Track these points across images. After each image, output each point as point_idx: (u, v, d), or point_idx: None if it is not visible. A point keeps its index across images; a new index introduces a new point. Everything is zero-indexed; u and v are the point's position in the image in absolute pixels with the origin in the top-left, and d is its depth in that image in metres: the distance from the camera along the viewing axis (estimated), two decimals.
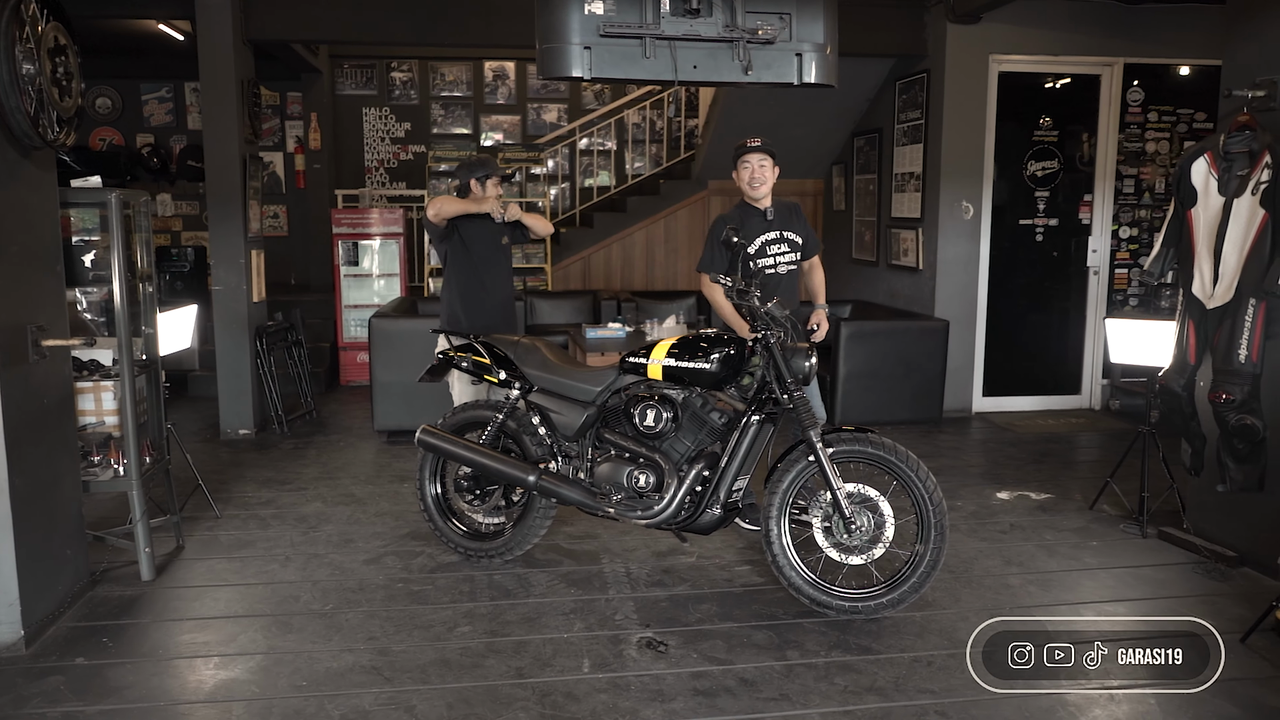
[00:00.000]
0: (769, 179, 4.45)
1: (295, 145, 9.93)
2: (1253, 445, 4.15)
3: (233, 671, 3.34)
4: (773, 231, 4.48)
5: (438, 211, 4.62)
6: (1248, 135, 4.08)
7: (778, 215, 4.51)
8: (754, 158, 4.45)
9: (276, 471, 5.83)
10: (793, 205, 4.65)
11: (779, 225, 4.49)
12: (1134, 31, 7.01)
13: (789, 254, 4.52)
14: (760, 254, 4.45)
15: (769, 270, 4.46)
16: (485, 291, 4.74)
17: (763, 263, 4.45)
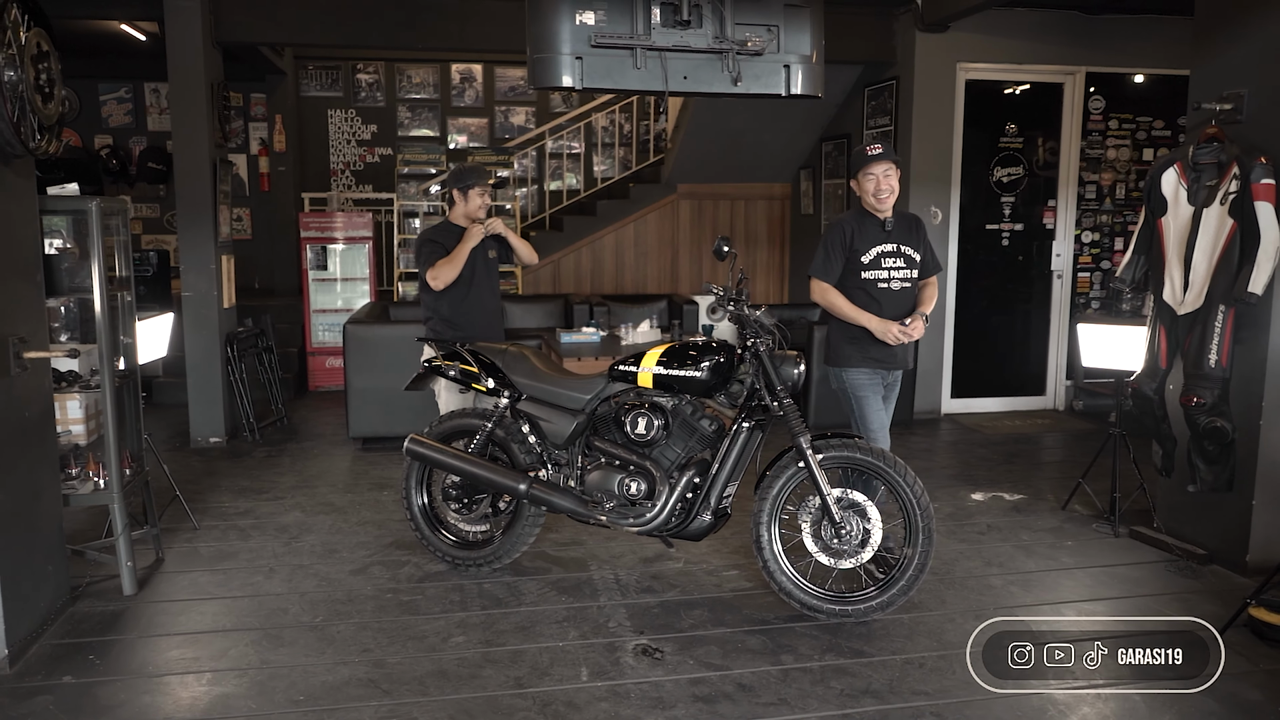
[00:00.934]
0: (895, 189, 4.17)
1: (259, 147, 9.80)
2: (1222, 447, 4.29)
3: (226, 687, 3.31)
4: (889, 243, 4.19)
5: (442, 279, 4.58)
6: (1216, 147, 4.21)
7: (897, 227, 4.21)
8: (878, 168, 4.14)
9: (252, 480, 5.76)
10: (914, 218, 4.33)
11: (897, 238, 4.20)
12: (1095, 41, 7.17)
13: (905, 270, 4.22)
14: (874, 265, 4.19)
15: (880, 284, 4.20)
16: (473, 302, 4.73)
17: (874, 275, 4.19)
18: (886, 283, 4.21)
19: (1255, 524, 4.27)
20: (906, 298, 4.25)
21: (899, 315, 4.19)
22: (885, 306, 4.19)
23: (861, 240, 4.18)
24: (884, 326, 4.14)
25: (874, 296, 4.19)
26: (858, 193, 4.24)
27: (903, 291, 4.24)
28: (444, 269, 4.57)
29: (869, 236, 4.19)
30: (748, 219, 9.61)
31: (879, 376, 4.28)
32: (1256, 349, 4.20)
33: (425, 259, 4.63)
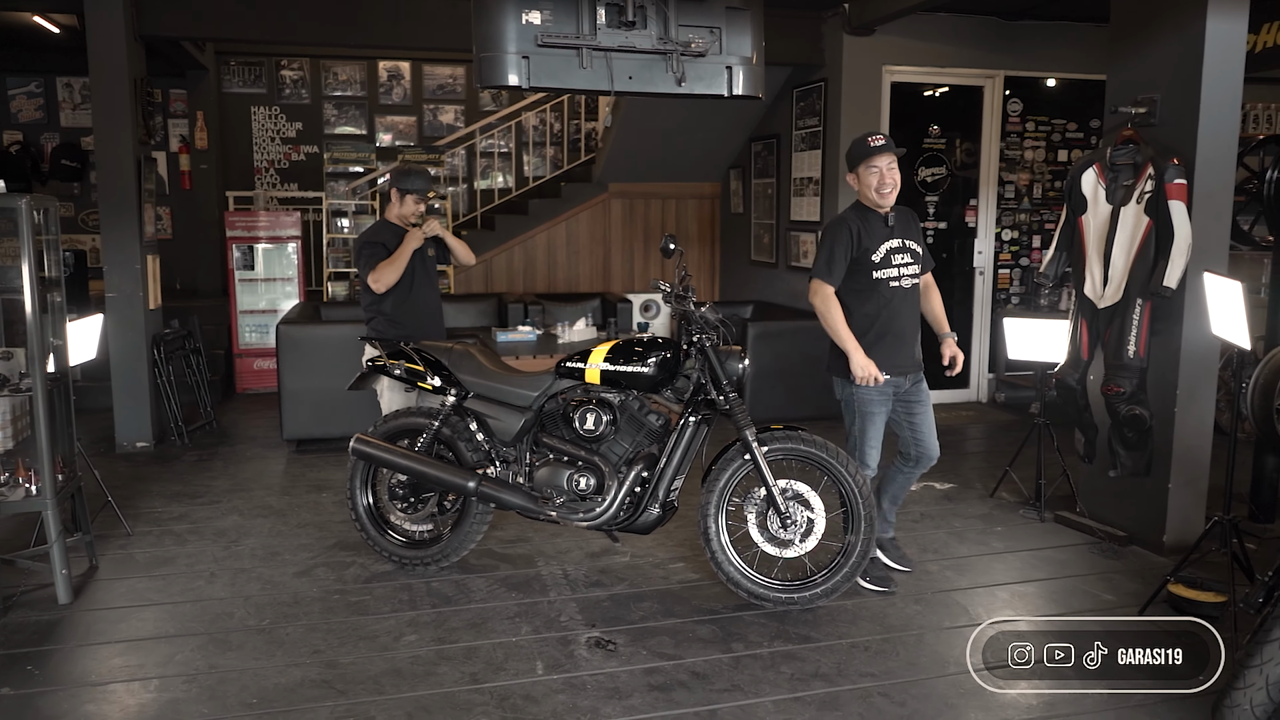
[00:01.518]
0: (898, 182, 3.91)
1: (180, 145, 9.54)
2: (1141, 433, 4.51)
3: (175, 693, 3.25)
4: (894, 239, 3.93)
5: (384, 282, 4.53)
6: (1131, 149, 4.43)
7: (898, 222, 3.97)
8: (882, 160, 3.87)
9: (184, 485, 5.63)
10: (909, 211, 4.10)
11: (900, 233, 3.96)
12: (1013, 46, 7.45)
13: (912, 265, 3.97)
14: (884, 264, 3.92)
15: (893, 283, 3.92)
16: (415, 301, 4.71)
17: (885, 274, 3.91)
18: (898, 281, 3.94)
19: (1171, 506, 4.51)
20: (913, 297, 4.04)
21: (911, 317, 4.02)
22: (899, 309, 3.95)
23: (869, 238, 3.92)
24: (866, 368, 3.86)
25: (886, 298, 3.93)
26: (856, 187, 4.00)
27: (913, 290, 4.03)
28: (386, 271, 4.54)
29: (875, 233, 3.92)
30: (679, 218, 9.72)
31: (890, 388, 3.97)
32: (1171, 340, 4.43)
33: (366, 261, 4.59)
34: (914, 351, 4.04)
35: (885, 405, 4.00)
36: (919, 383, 4.08)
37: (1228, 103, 4.31)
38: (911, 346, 4.02)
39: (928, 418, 4.09)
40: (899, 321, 3.97)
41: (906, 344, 4.00)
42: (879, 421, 4.01)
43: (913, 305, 4.03)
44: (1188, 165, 4.28)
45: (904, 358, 3.98)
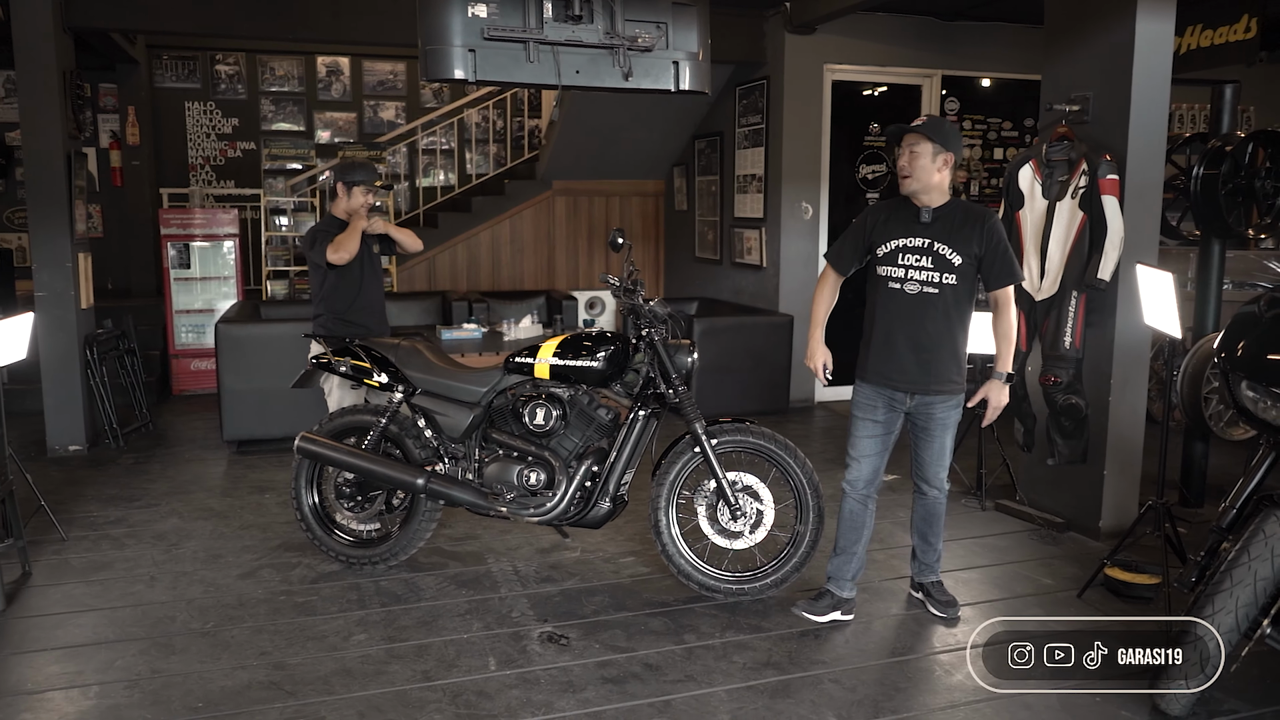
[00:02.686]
0: (920, 169, 3.45)
1: (111, 140, 9.28)
2: (1077, 422, 4.64)
3: (116, 699, 3.17)
4: (918, 238, 3.50)
5: (346, 250, 4.46)
6: (1066, 145, 4.55)
7: (939, 221, 3.49)
8: (907, 140, 3.50)
9: (120, 488, 5.49)
10: (978, 215, 3.52)
11: (935, 233, 3.48)
12: (950, 46, 7.60)
13: (931, 272, 3.47)
14: (888, 260, 3.55)
15: (892, 284, 3.53)
16: (364, 298, 4.66)
17: (886, 272, 3.56)
18: (899, 283, 3.52)
19: (1106, 492, 4.65)
20: (928, 309, 3.49)
21: (919, 328, 3.51)
22: (899, 314, 3.53)
23: (885, 230, 3.58)
24: (810, 353, 3.78)
25: (884, 299, 3.57)
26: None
27: (921, 299, 3.49)
28: (345, 241, 4.46)
29: (897, 227, 3.56)
30: (623, 215, 9.73)
31: (882, 398, 3.63)
32: (1105, 331, 4.56)
33: (320, 244, 4.52)
34: (916, 367, 3.52)
35: (874, 414, 3.66)
36: (931, 404, 3.57)
37: (1156, 101, 4.45)
38: (911, 360, 3.52)
39: (931, 444, 3.66)
40: (896, 328, 3.55)
41: (901, 355, 3.54)
42: (861, 430, 3.70)
43: (925, 315, 3.49)
44: (1119, 161, 4.41)
45: (895, 370, 3.56)
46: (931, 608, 3.84)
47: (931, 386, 3.54)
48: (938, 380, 3.54)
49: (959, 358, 3.58)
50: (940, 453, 3.68)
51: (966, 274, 3.49)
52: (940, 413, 3.60)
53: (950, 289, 3.49)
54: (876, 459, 3.72)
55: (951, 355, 3.54)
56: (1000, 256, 3.49)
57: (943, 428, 3.63)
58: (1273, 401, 2.90)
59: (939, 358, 3.51)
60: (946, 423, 3.63)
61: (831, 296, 3.81)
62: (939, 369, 3.53)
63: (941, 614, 3.80)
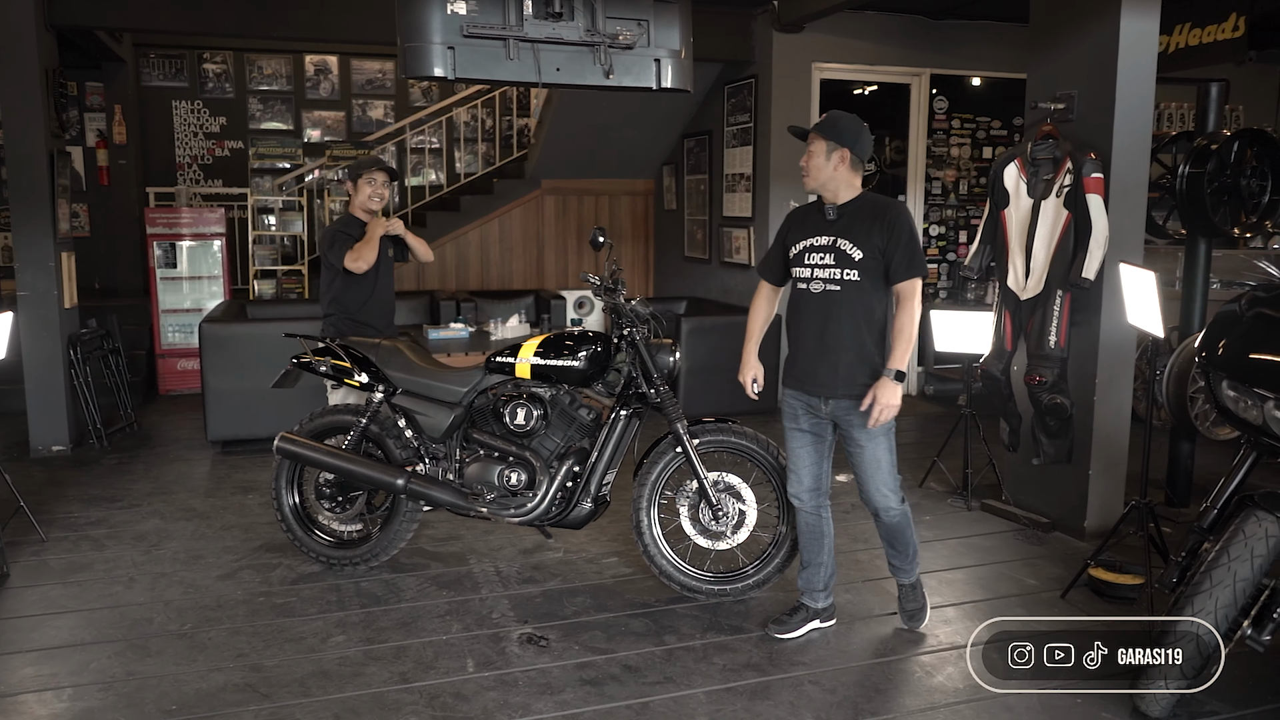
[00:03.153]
0: (815, 167, 3.39)
1: (97, 139, 9.23)
2: (1062, 422, 4.62)
3: (90, 701, 3.14)
4: (823, 236, 3.39)
5: (364, 259, 4.45)
6: (1051, 144, 4.54)
7: (844, 217, 3.37)
8: (809, 139, 3.47)
9: (103, 489, 5.45)
10: (883, 208, 3.38)
11: (840, 229, 3.36)
12: (939, 45, 7.58)
13: (833, 269, 3.34)
14: (798, 260, 3.45)
15: (800, 285, 3.46)
16: (377, 298, 4.64)
17: (797, 273, 3.47)
18: (805, 283, 3.43)
19: (1091, 492, 4.63)
20: (832, 308, 3.36)
21: (827, 330, 3.37)
22: (810, 317, 3.42)
23: (797, 232, 3.50)
24: (741, 366, 3.66)
25: (798, 303, 3.48)
26: None
27: (825, 297, 3.37)
28: (364, 250, 4.45)
29: (807, 226, 3.48)
30: (612, 214, 9.70)
31: (802, 404, 3.49)
32: (1090, 330, 4.55)
33: (339, 248, 4.50)
34: (826, 370, 3.37)
35: (798, 423, 3.52)
36: (848, 411, 3.38)
37: (1141, 99, 4.44)
38: (821, 364, 3.38)
39: (865, 460, 3.42)
40: (806, 331, 3.43)
41: (811, 359, 3.41)
42: (792, 440, 3.56)
43: (830, 315, 3.35)
44: (1104, 160, 4.40)
45: (807, 375, 3.43)
46: (898, 612, 3.73)
47: (841, 390, 3.35)
48: (848, 384, 3.34)
49: (871, 360, 3.34)
50: (872, 466, 3.41)
51: (871, 269, 3.31)
52: (859, 420, 3.35)
53: (853, 286, 3.32)
54: (814, 468, 3.54)
55: (860, 357, 3.33)
56: (902, 248, 3.29)
57: (868, 437, 3.37)
58: (1253, 401, 2.89)
59: (846, 360, 3.33)
60: (870, 432, 3.35)
61: (767, 309, 3.69)
62: (848, 372, 3.34)
63: (904, 623, 3.69)
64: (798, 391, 3.48)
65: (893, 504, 3.46)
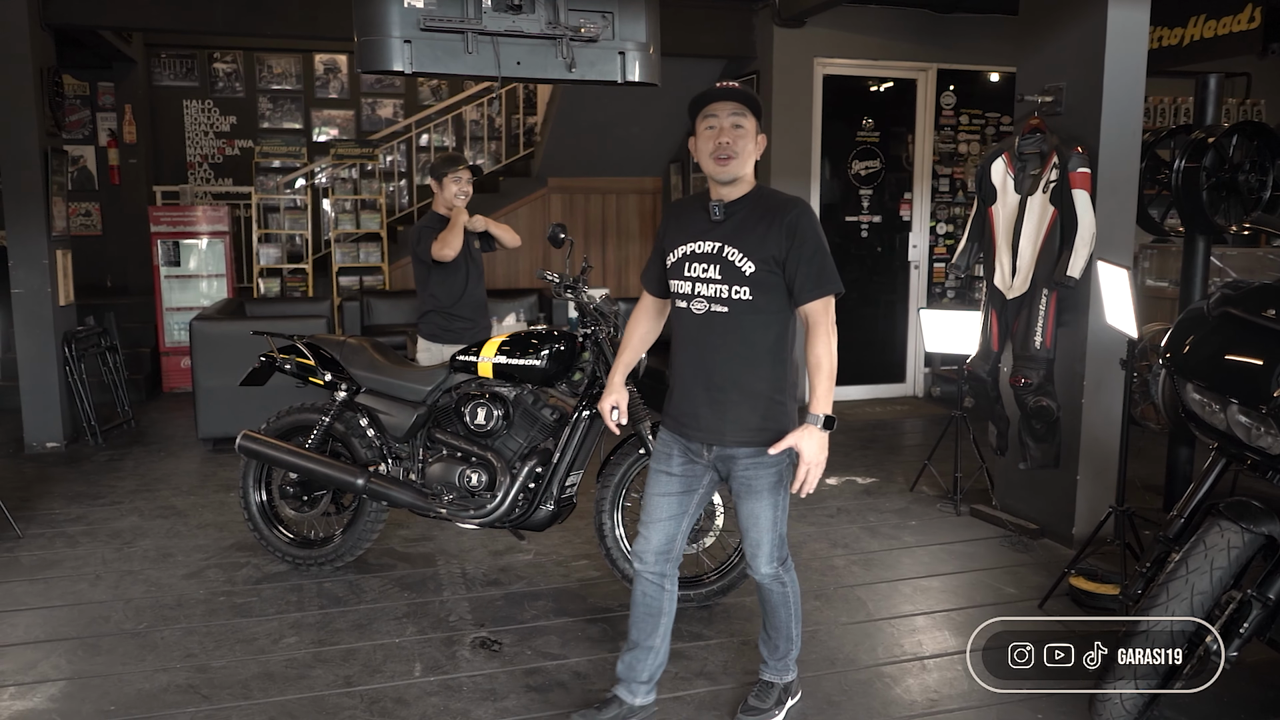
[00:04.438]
0: (746, 152, 2.63)
1: (108, 138, 9.32)
2: (1048, 425, 4.48)
3: (31, 701, 3.12)
4: (706, 241, 2.67)
5: (450, 247, 4.44)
6: (1038, 137, 4.39)
7: (733, 218, 2.65)
8: (724, 109, 2.63)
9: (88, 485, 5.47)
10: (783, 206, 2.65)
11: (726, 234, 2.64)
12: (946, 39, 7.42)
13: (720, 286, 2.63)
14: (676, 271, 2.74)
15: (679, 303, 2.74)
16: (469, 295, 4.65)
17: (674, 288, 2.76)
18: (686, 301, 2.70)
19: (1079, 498, 4.48)
20: (718, 334, 2.66)
21: (702, 364, 2.69)
22: (684, 342, 2.75)
23: (676, 232, 2.77)
24: (604, 394, 3.01)
25: (678, 324, 2.78)
26: (695, 157, 2.74)
27: (709, 321, 2.66)
28: (449, 236, 4.44)
29: (687, 227, 2.74)
30: (619, 212, 9.62)
31: (678, 445, 2.81)
32: (1077, 331, 4.40)
33: (425, 240, 4.51)
34: (709, 410, 2.69)
35: (667, 465, 2.82)
36: (733, 459, 2.73)
37: (1130, 91, 4.29)
38: (703, 401, 2.70)
39: (743, 513, 2.79)
40: (686, 360, 2.74)
41: (692, 395, 2.72)
42: (653, 485, 2.85)
43: (715, 342, 2.67)
44: (1091, 154, 4.25)
45: (686, 413, 2.75)
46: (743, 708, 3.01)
47: (729, 436, 2.68)
48: (736, 428, 2.67)
49: (769, 399, 2.67)
50: (749, 521, 2.77)
51: (766, 285, 2.59)
52: (744, 471, 2.72)
53: (745, 306, 2.62)
54: (671, 524, 2.82)
55: (754, 395, 2.66)
56: (807, 260, 2.59)
57: (750, 493, 2.74)
58: (1219, 405, 2.74)
59: (734, 398, 2.66)
60: (755, 486, 2.72)
61: (647, 325, 2.99)
62: (737, 413, 2.66)
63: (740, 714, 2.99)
64: (674, 432, 2.81)
65: (764, 569, 2.81)
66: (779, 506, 2.79)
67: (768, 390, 2.68)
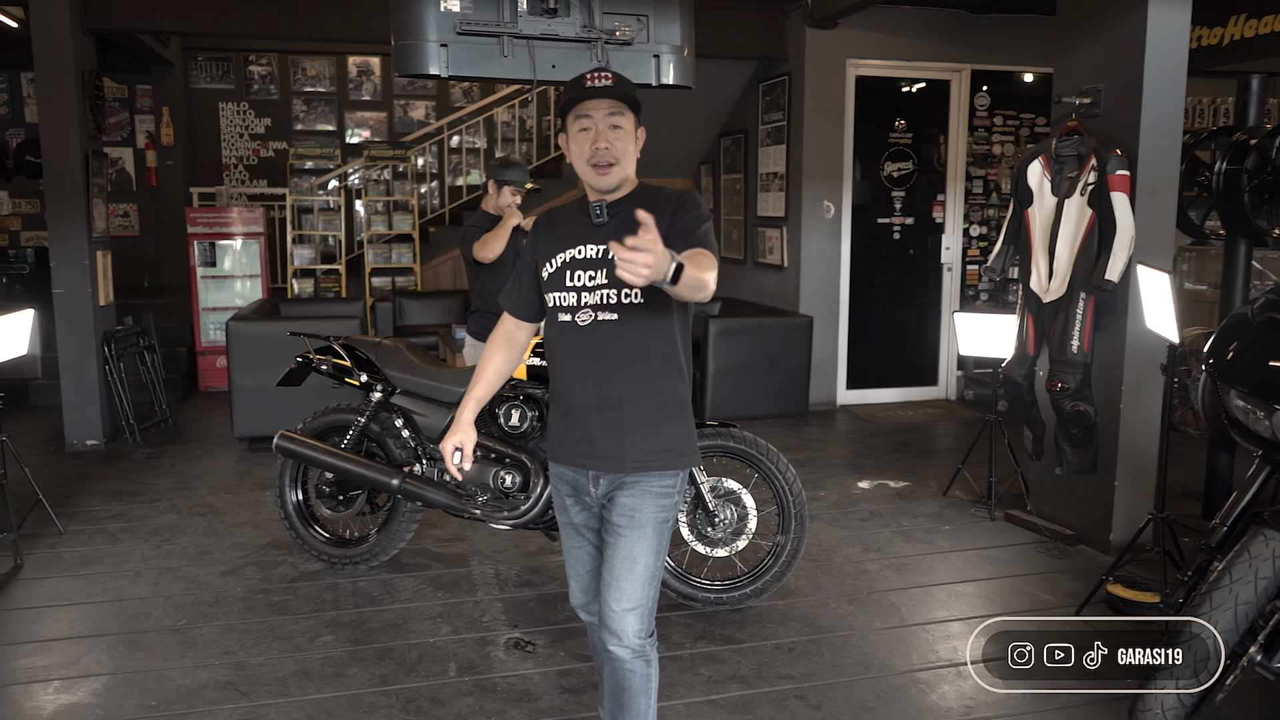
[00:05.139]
0: (628, 154, 2.33)
1: (146, 140, 9.46)
2: (1085, 430, 4.43)
3: (75, 695, 3.17)
4: (590, 245, 2.33)
5: (491, 250, 4.49)
6: (1076, 139, 4.35)
7: (617, 218, 2.30)
8: (599, 109, 2.29)
9: (127, 483, 5.55)
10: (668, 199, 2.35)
11: (610, 235, 2.18)
12: (980, 39, 7.36)
13: (608, 292, 2.29)
14: (555, 283, 2.36)
15: (563, 316, 2.34)
16: None
17: (555, 300, 2.36)
18: (569, 313, 2.33)
19: (1117, 504, 4.42)
20: (607, 346, 2.31)
21: (591, 381, 2.33)
22: (568, 359, 2.36)
23: (551, 242, 2.39)
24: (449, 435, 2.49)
25: (561, 343, 2.38)
26: (568, 159, 2.41)
27: (598, 331, 2.31)
28: (491, 242, 4.49)
29: (564, 235, 2.38)
30: None
31: (567, 484, 2.45)
32: (1115, 335, 4.35)
33: (470, 240, 4.57)
34: (604, 433, 2.32)
35: (568, 516, 2.49)
36: (625, 488, 2.34)
37: (1171, 92, 4.23)
38: (596, 424, 2.33)
39: (618, 554, 2.33)
40: (572, 379, 2.36)
41: (583, 418, 2.35)
42: (563, 536, 2.55)
43: (605, 355, 2.32)
44: (1131, 156, 4.20)
45: (581, 443, 2.36)
46: None
47: (630, 461, 2.31)
48: (637, 451, 2.31)
49: (670, 412, 2.36)
50: (625, 565, 2.32)
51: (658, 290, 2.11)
52: (629, 498, 2.33)
53: (636, 310, 2.29)
54: (589, 576, 2.52)
55: (653, 409, 2.33)
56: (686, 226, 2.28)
57: (633, 526, 2.32)
58: (1265, 413, 2.70)
59: (632, 415, 2.31)
60: (639, 518, 2.32)
61: (505, 353, 2.54)
62: (637, 434, 2.31)
63: None
64: (564, 467, 2.42)
65: (630, 639, 2.32)
66: (659, 553, 2.35)
67: (667, 402, 2.36)
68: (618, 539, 2.34)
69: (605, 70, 2.34)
